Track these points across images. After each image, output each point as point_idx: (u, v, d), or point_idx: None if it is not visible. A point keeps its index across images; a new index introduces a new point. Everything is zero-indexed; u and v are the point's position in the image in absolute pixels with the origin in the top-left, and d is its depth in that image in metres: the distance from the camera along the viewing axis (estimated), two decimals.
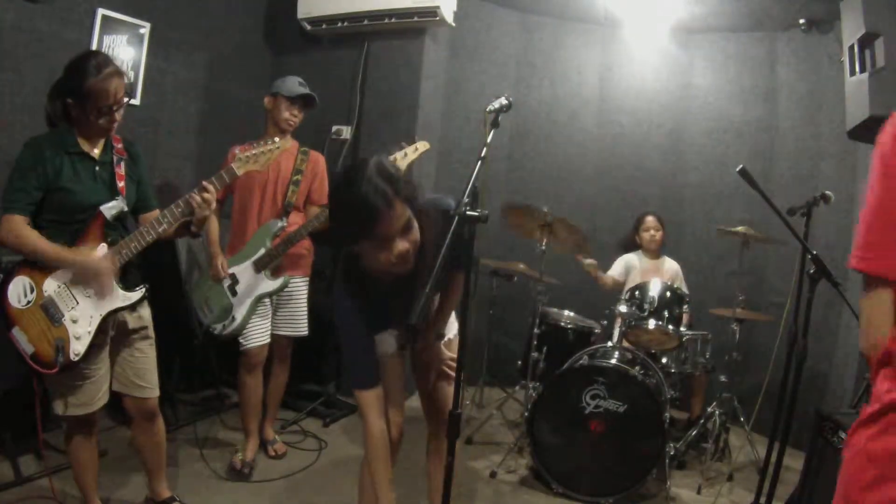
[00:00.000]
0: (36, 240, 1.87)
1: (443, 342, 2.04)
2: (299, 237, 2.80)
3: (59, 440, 2.78)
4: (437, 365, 2.06)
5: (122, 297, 1.99)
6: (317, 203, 3.02)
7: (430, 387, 2.09)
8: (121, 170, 2.05)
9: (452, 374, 2.06)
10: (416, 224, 1.58)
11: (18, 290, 1.89)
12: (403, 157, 2.80)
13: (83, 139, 1.99)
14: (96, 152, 2.02)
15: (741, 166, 2.63)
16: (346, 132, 3.94)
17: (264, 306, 2.82)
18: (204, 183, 2.02)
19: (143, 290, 2.06)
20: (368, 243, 1.52)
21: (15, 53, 2.72)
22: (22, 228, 1.86)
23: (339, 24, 3.76)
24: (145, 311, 2.16)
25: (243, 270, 2.76)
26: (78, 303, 1.92)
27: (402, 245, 1.53)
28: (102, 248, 1.96)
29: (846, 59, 3.21)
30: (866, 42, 2.99)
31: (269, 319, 2.87)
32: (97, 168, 2.01)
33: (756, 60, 4.29)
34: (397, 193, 1.48)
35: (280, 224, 2.80)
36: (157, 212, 2.08)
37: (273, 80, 2.96)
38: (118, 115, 1.99)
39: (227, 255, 2.81)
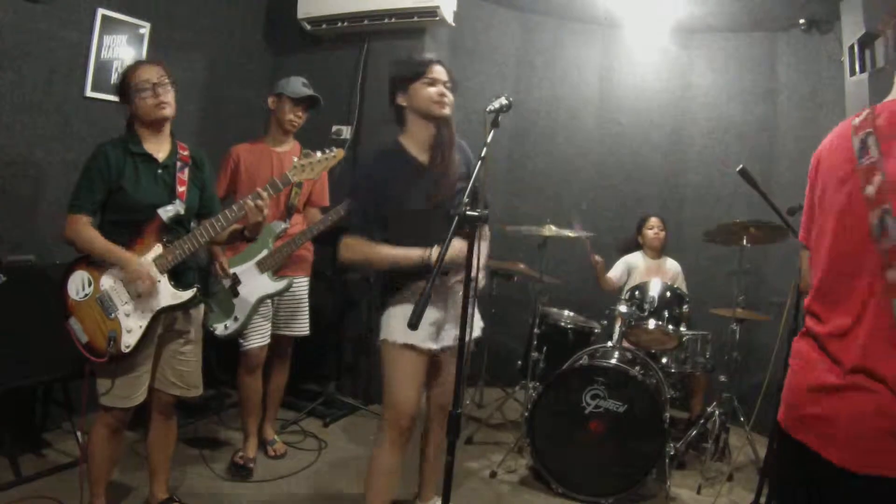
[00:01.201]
0: (93, 237, 2.00)
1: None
2: (305, 238, 2.80)
3: (60, 441, 2.79)
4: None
5: (173, 296, 2.06)
6: (317, 205, 3.02)
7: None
8: (183, 175, 2.14)
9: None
10: (453, 96, 2.05)
11: (77, 284, 2.02)
12: None
13: (148, 143, 2.09)
14: (160, 156, 2.11)
15: (741, 166, 2.64)
16: (346, 132, 3.93)
17: (266, 307, 2.82)
18: (258, 190, 2.12)
19: (195, 290, 2.11)
20: (420, 82, 1.99)
21: (15, 53, 2.72)
22: (84, 227, 2.00)
23: (339, 24, 3.76)
24: (198, 315, 2.23)
25: (246, 271, 2.75)
26: (132, 299, 2.01)
27: (444, 89, 2.01)
28: (158, 249, 2.05)
29: (846, 59, 3.21)
30: (866, 42, 3.00)
31: (270, 320, 2.87)
32: (159, 171, 2.10)
33: (756, 60, 4.28)
34: (441, 62, 2.04)
35: (283, 226, 2.80)
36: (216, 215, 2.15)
37: (273, 80, 2.97)
38: (163, 94, 2.06)
39: (228, 254, 2.81)
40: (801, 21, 3.90)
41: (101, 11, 3.01)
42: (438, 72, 2.02)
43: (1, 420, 2.54)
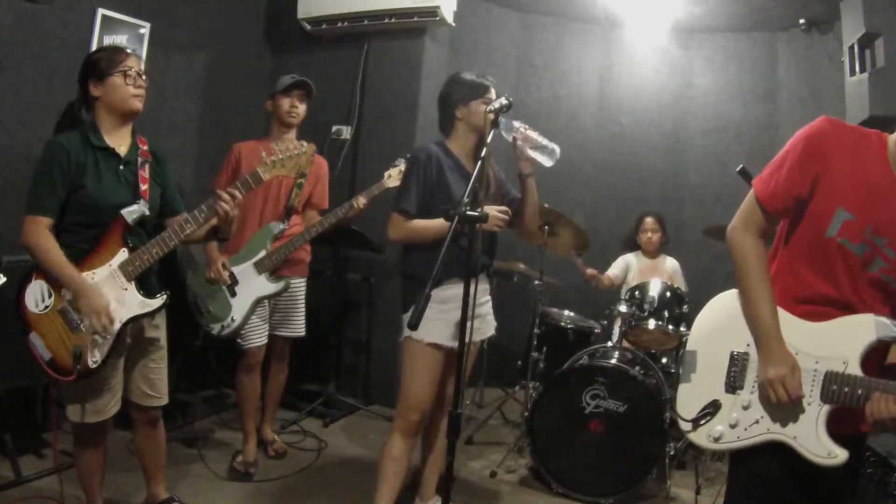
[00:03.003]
0: (50, 247, 1.81)
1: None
2: (304, 240, 2.80)
3: (60, 441, 2.79)
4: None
5: (142, 304, 1.93)
6: (317, 207, 3.02)
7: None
8: (145, 172, 1.99)
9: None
10: None
11: (36, 295, 1.85)
12: (388, 179, 2.87)
13: (109, 136, 1.94)
14: (122, 151, 1.96)
15: (741, 166, 2.64)
16: (346, 132, 3.93)
17: (263, 307, 2.82)
18: (226, 189, 1.99)
19: (164, 297, 1.98)
20: (479, 100, 2.17)
21: (15, 53, 2.72)
22: (43, 232, 1.81)
23: (339, 24, 3.76)
24: (161, 321, 2.11)
25: (243, 271, 2.75)
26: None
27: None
28: (123, 254, 1.90)
29: (846, 59, 3.22)
30: (866, 42, 3.00)
31: (267, 321, 2.87)
32: (121, 167, 1.94)
33: (756, 60, 4.29)
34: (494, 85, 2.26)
35: (281, 227, 2.80)
36: (184, 215, 2.01)
37: (273, 80, 2.96)
38: (143, 85, 1.94)
39: (224, 254, 2.80)
40: (801, 21, 3.90)
41: (101, 11, 3.01)
42: (493, 94, 2.21)
43: (1, 420, 2.54)
